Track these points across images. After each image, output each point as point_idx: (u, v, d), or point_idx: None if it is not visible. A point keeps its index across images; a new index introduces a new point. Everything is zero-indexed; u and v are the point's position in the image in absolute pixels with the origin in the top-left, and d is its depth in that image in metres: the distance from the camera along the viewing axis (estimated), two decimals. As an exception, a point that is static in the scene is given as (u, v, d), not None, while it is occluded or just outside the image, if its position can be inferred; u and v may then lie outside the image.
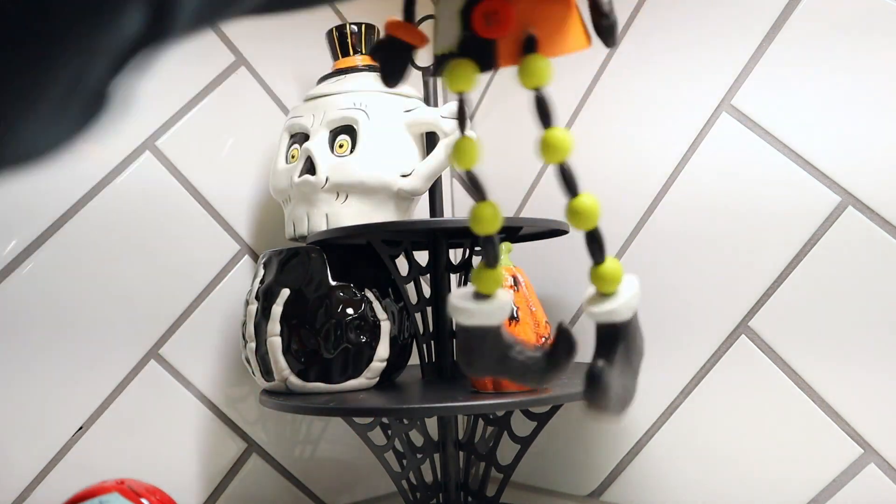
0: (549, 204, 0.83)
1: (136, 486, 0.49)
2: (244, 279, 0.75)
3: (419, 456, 0.64)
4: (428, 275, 0.67)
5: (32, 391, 0.62)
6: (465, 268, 0.65)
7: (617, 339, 0.30)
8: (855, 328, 0.58)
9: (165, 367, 0.70)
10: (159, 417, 0.69)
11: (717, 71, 0.67)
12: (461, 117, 0.31)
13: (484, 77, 0.95)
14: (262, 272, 0.64)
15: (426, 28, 0.60)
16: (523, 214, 0.86)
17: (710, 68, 0.68)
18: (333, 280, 0.62)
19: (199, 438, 0.72)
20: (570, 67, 0.81)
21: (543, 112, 0.30)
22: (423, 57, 0.78)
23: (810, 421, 0.60)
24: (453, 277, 0.68)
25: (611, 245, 0.75)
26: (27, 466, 0.62)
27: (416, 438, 0.67)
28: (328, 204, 0.65)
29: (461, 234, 0.65)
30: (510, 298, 0.31)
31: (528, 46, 0.30)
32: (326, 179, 0.64)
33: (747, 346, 0.64)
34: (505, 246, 0.58)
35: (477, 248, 0.66)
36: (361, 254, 0.65)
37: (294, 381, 0.60)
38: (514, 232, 0.62)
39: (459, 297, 0.31)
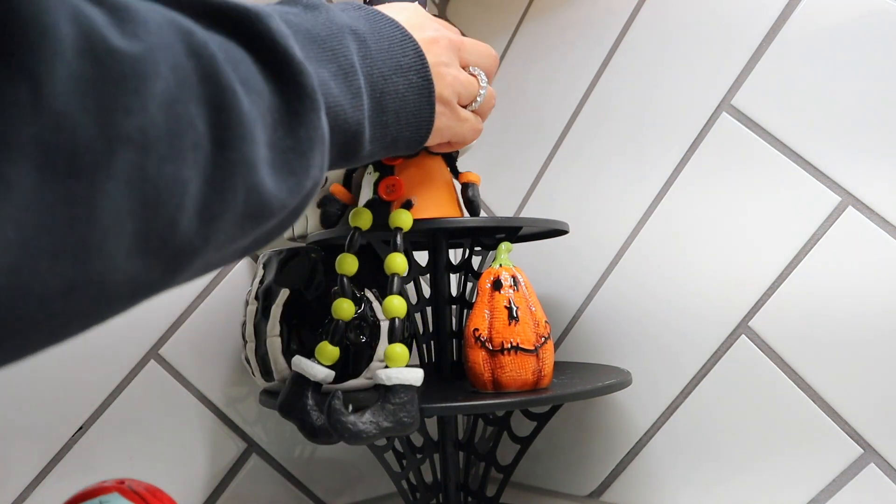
0: (549, 204, 0.83)
1: (136, 486, 0.49)
2: (244, 279, 0.75)
3: (419, 456, 0.64)
4: (428, 275, 0.67)
5: (32, 391, 0.62)
6: (465, 268, 0.65)
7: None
8: (855, 328, 0.58)
9: (165, 367, 0.70)
10: (159, 417, 0.69)
11: (717, 71, 0.67)
12: (350, 244, 0.53)
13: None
14: (261, 272, 0.64)
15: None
16: (523, 214, 0.86)
17: (710, 68, 0.68)
18: (334, 281, 0.62)
19: (199, 438, 0.72)
20: (570, 67, 0.81)
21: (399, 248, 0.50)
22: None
23: (810, 421, 0.60)
24: (453, 277, 0.68)
25: (609, 248, 0.75)
26: (27, 466, 0.62)
27: (416, 438, 0.67)
28: (328, 204, 0.65)
29: (461, 234, 0.65)
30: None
31: (406, 206, 0.53)
32: (325, 180, 0.64)
33: (747, 346, 0.64)
34: (505, 246, 0.58)
35: (477, 249, 0.66)
36: (362, 254, 0.65)
37: (294, 381, 0.60)
38: (514, 232, 0.62)
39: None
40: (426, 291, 0.66)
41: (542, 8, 0.85)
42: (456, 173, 0.61)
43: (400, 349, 0.48)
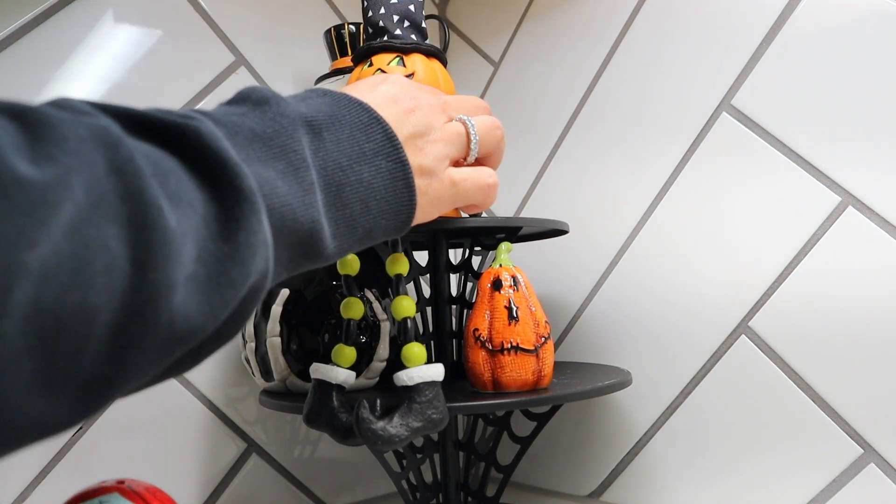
0: (549, 204, 0.83)
1: (136, 486, 0.49)
2: (244, 279, 0.75)
3: (419, 456, 0.64)
4: (428, 275, 0.67)
5: (32, 391, 0.62)
6: (465, 268, 0.65)
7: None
8: (855, 328, 0.58)
9: (165, 367, 0.70)
10: (159, 417, 0.69)
11: (717, 71, 0.67)
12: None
13: (485, 76, 0.95)
14: (261, 272, 0.64)
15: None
16: (523, 214, 0.86)
17: (710, 68, 0.68)
18: (333, 280, 0.62)
19: (199, 438, 0.72)
20: (570, 67, 0.81)
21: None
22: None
23: (810, 421, 0.60)
24: (453, 277, 0.68)
25: (609, 248, 0.75)
26: (27, 466, 0.62)
27: (416, 438, 0.66)
28: (328, 204, 0.65)
29: (461, 234, 0.65)
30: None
31: None
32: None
33: (747, 346, 0.64)
34: (505, 246, 0.58)
35: (477, 249, 0.66)
36: (361, 254, 0.65)
37: (294, 381, 0.60)
38: (514, 232, 0.62)
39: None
40: (426, 291, 0.66)
41: (542, 8, 0.85)
42: None
43: (417, 348, 0.48)
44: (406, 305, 0.49)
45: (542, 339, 0.55)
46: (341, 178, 0.33)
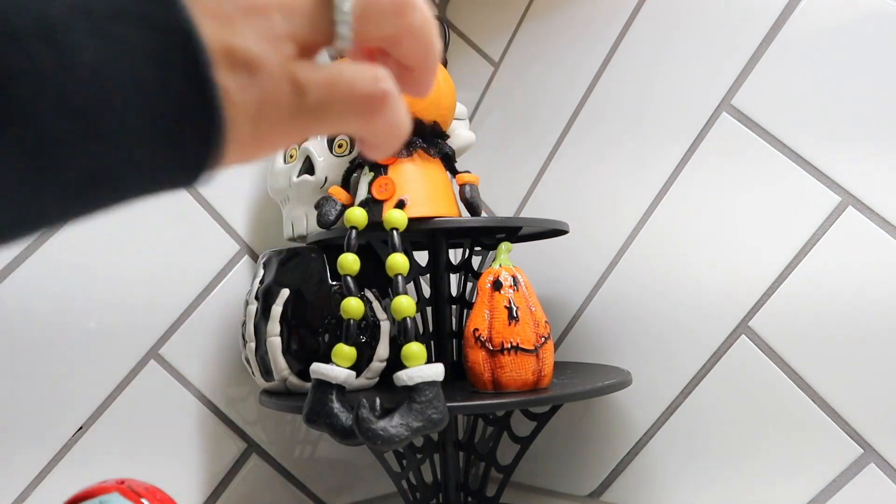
0: (549, 204, 0.83)
1: (136, 486, 0.49)
2: (244, 279, 0.75)
3: (419, 456, 0.64)
4: (428, 275, 0.67)
5: (32, 391, 0.62)
6: (465, 268, 0.65)
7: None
8: (855, 328, 0.58)
9: (165, 367, 0.70)
10: (159, 417, 0.69)
11: (717, 71, 0.67)
12: (347, 244, 0.54)
13: (485, 76, 0.95)
14: (261, 272, 0.64)
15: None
16: (523, 214, 0.86)
17: (710, 68, 0.68)
18: (333, 280, 0.62)
19: (199, 438, 0.72)
20: (570, 67, 0.81)
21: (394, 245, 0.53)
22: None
23: (810, 421, 0.60)
24: (453, 277, 0.68)
25: (609, 248, 0.75)
26: (27, 466, 0.62)
27: (416, 438, 0.67)
28: (328, 204, 0.65)
29: (461, 234, 0.65)
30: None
31: (398, 206, 0.56)
32: (326, 179, 0.64)
33: (747, 346, 0.64)
34: (505, 246, 0.58)
35: (477, 249, 0.66)
36: (361, 254, 0.65)
37: (294, 381, 0.60)
38: (514, 232, 0.62)
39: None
40: (426, 291, 0.66)
41: (542, 8, 0.85)
42: (454, 173, 0.61)
43: (417, 348, 0.48)
44: (406, 305, 0.49)
45: (542, 339, 0.55)
46: (19, 62, 0.16)
